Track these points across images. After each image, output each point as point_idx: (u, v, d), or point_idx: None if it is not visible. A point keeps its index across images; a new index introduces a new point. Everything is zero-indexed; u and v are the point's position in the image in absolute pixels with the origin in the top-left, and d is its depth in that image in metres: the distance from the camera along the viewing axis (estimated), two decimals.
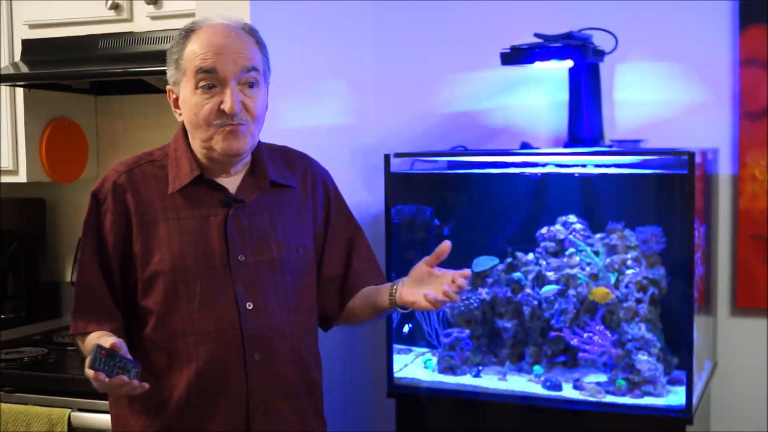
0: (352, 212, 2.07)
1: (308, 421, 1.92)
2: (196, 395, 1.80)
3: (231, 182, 1.88)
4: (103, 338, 1.75)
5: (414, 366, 2.46)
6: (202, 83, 1.79)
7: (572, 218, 2.38)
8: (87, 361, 1.64)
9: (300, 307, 1.90)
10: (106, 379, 1.64)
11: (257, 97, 1.83)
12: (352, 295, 2.00)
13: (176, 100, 1.87)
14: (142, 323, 1.86)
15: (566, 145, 2.45)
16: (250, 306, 1.82)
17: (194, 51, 1.80)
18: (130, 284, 1.86)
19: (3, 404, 2.44)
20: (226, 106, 1.77)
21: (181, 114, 1.87)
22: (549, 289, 2.31)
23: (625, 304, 2.24)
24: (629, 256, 2.29)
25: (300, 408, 1.90)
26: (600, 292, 2.23)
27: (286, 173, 1.95)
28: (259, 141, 1.93)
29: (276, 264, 1.86)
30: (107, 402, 2.36)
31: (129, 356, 1.69)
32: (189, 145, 1.88)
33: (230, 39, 1.81)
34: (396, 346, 2.41)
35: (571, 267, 2.32)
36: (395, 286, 1.91)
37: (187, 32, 1.84)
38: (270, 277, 1.86)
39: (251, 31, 1.86)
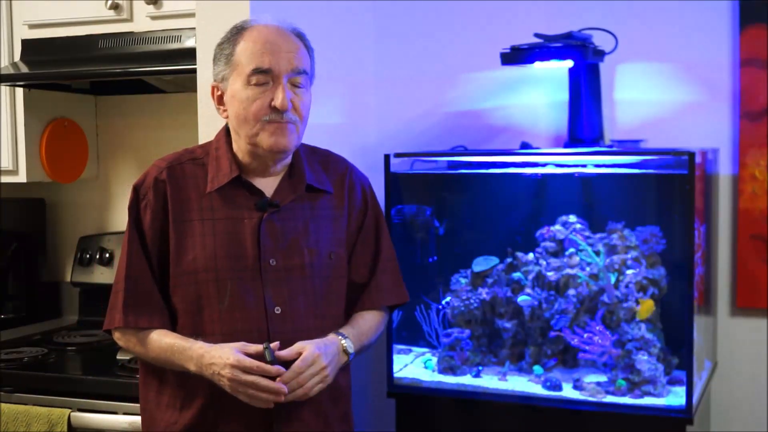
0: (386, 223, 2.08)
1: (331, 425, 1.93)
2: (218, 394, 1.81)
3: (268, 184, 1.90)
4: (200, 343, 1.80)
5: (414, 366, 2.46)
6: (254, 79, 1.81)
7: (572, 218, 2.38)
8: (267, 356, 1.73)
9: (327, 314, 1.91)
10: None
11: (305, 97, 1.87)
12: (364, 307, 2.01)
13: (220, 97, 1.89)
14: (174, 318, 1.88)
15: (566, 145, 2.45)
16: (278, 311, 1.84)
17: (248, 47, 1.83)
18: (166, 279, 1.88)
19: (3, 404, 2.44)
20: (277, 102, 1.80)
21: (225, 110, 1.89)
22: (525, 299, 2.33)
23: (625, 304, 2.24)
24: (629, 256, 2.29)
25: (323, 412, 1.91)
26: (646, 306, 2.21)
27: (323, 178, 1.96)
28: (301, 143, 1.94)
29: (306, 269, 1.88)
30: (107, 402, 2.38)
31: None
32: (230, 145, 1.90)
33: (284, 38, 1.85)
34: (396, 346, 2.41)
35: (571, 267, 2.32)
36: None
37: (239, 30, 1.86)
38: (300, 282, 1.87)
39: (300, 36, 1.90)
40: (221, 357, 1.74)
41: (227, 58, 1.85)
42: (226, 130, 1.93)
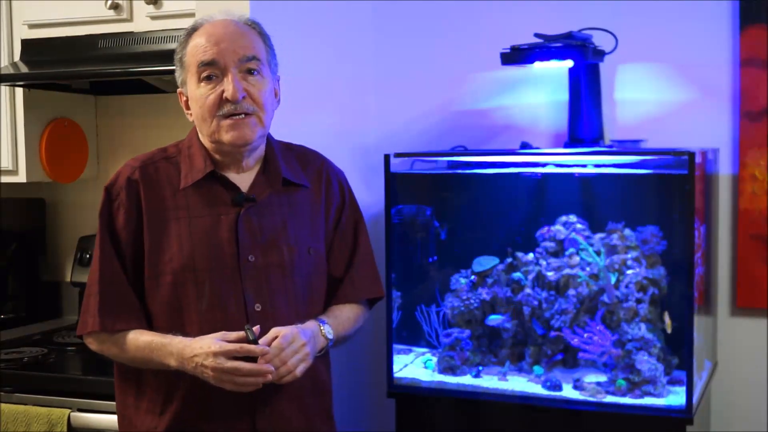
0: (363, 217, 2.06)
1: (315, 422, 1.92)
2: (200, 394, 1.80)
3: (243, 179, 1.88)
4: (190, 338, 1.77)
5: (414, 366, 2.46)
6: (204, 75, 1.80)
7: (572, 218, 2.38)
8: (249, 336, 1.72)
9: (309, 310, 1.90)
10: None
11: (261, 84, 1.83)
12: (339, 301, 1.99)
13: (186, 102, 1.88)
14: (149, 321, 1.86)
15: (566, 145, 2.45)
16: (258, 308, 1.83)
17: (195, 46, 1.81)
18: (141, 281, 1.86)
19: (3, 404, 2.44)
20: (228, 93, 1.78)
21: (191, 114, 1.87)
22: (495, 318, 2.34)
23: (625, 304, 2.24)
24: (629, 256, 2.29)
25: (306, 408, 1.90)
26: None
27: (299, 172, 1.94)
28: (274, 139, 1.93)
29: (286, 266, 1.86)
30: (107, 402, 2.37)
31: None
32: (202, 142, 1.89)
33: (229, 30, 1.82)
34: (396, 346, 2.41)
35: (571, 267, 2.32)
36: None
37: (190, 32, 1.85)
38: (280, 279, 1.85)
39: (253, 24, 1.87)
40: (202, 347, 1.72)
41: (180, 62, 1.85)
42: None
